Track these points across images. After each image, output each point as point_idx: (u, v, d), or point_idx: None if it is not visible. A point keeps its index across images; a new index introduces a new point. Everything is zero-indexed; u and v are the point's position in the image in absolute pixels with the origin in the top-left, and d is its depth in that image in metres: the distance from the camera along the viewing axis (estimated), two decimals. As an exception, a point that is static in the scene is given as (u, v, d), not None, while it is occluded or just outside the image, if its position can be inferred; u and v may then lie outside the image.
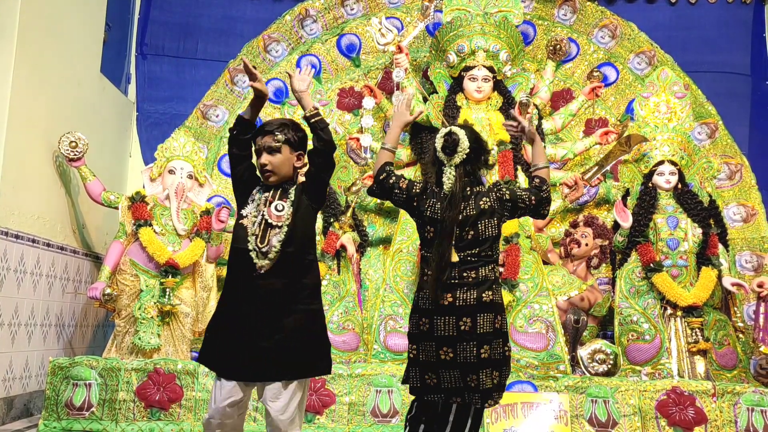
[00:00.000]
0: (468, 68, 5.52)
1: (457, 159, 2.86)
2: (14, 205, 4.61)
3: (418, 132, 5.64)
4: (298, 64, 6.34)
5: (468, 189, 2.86)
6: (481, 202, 2.82)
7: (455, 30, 5.55)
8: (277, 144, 2.71)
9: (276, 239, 2.64)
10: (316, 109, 2.80)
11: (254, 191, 2.77)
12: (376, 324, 5.13)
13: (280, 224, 2.66)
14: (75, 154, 5.16)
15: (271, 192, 2.74)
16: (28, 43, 4.72)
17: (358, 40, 6.41)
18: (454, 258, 2.71)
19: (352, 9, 6.49)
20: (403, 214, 5.53)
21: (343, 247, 5.29)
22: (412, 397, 4.38)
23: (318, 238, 5.31)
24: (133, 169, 6.49)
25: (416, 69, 6.10)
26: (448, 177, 2.84)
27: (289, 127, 2.75)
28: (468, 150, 2.84)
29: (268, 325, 2.60)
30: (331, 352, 2.80)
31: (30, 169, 4.85)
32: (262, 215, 2.69)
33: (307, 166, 2.80)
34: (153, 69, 6.60)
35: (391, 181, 2.90)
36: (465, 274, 2.73)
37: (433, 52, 5.80)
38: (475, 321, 2.68)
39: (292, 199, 2.71)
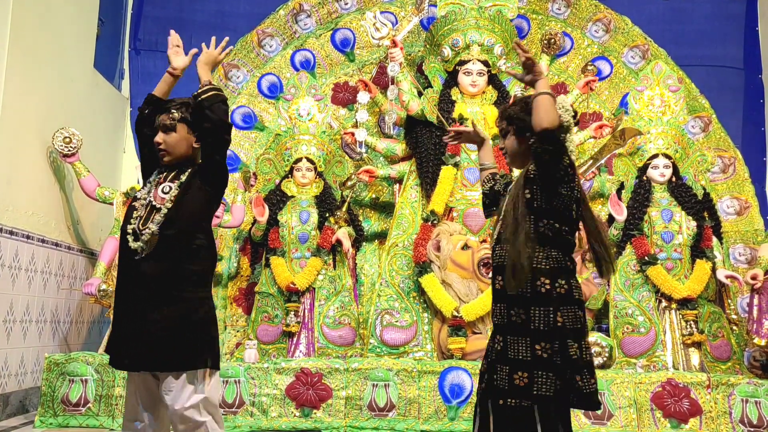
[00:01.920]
0: (463, 62, 5.52)
1: None
2: (8, 201, 4.59)
3: (413, 126, 5.65)
4: (292, 60, 6.33)
5: None
6: None
7: (450, 24, 5.55)
8: (172, 122, 2.58)
9: (155, 222, 2.49)
10: (210, 84, 2.63)
11: (154, 173, 2.65)
12: (372, 318, 5.14)
13: (161, 206, 2.52)
14: (69, 150, 5.14)
15: (165, 174, 2.61)
16: (21, 39, 4.70)
17: (353, 34, 6.40)
18: None
19: (346, 3, 6.48)
20: (399, 209, 5.54)
21: (339, 242, 5.29)
22: (410, 390, 4.42)
23: (313, 233, 5.31)
24: (127, 165, 6.48)
25: (411, 63, 6.09)
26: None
27: (187, 106, 2.62)
28: None
29: (143, 311, 2.45)
30: (217, 345, 2.57)
31: (24, 165, 4.83)
32: (149, 197, 2.57)
33: None
34: (147, 64, 6.58)
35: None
36: None
37: (428, 46, 5.80)
38: None
39: (182, 180, 2.56)
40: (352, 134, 5.64)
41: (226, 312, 5.76)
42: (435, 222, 5.26)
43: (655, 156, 5.22)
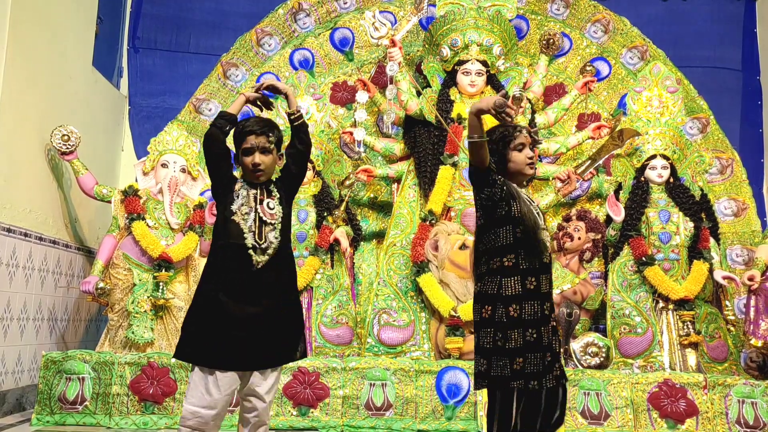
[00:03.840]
0: (461, 62, 5.53)
1: None
2: (6, 198, 4.59)
3: (412, 126, 5.65)
4: (290, 59, 6.33)
5: None
6: None
7: (448, 24, 5.55)
8: (271, 145, 2.83)
9: (272, 236, 2.78)
10: (300, 110, 2.97)
11: (236, 188, 2.84)
12: (369, 318, 5.14)
13: (273, 222, 2.80)
14: (67, 148, 5.14)
15: (258, 189, 2.85)
16: (19, 37, 4.70)
17: (352, 34, 6.40)
18: None
19: (345, 3, 6.48)
20: (397, 208, 5.54)
21: (337, 241, 5.29)
22: (407, 389, 4.43)
23: (311, 232, 5.31)
24: (125, 163, 6.47)
25: (410, 63, 6.10)
26: None
27: (276, 129, 2.88)
28: None
29: (270, 314, 2.76)
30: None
31: (22, 163, 4.83)
32: (256, 212, 2.80)
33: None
34: (145, 63, 6.58)
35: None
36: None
37: (427, 46, 5.80)
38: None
39: (279, 197, 2.87)
40: (351, 133, 5.64)
41: (224, 311, 5.75)
42: (433, 221, 5.26)
43: (653, 157, 5.23)
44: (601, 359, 4.83)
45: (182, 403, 4.43)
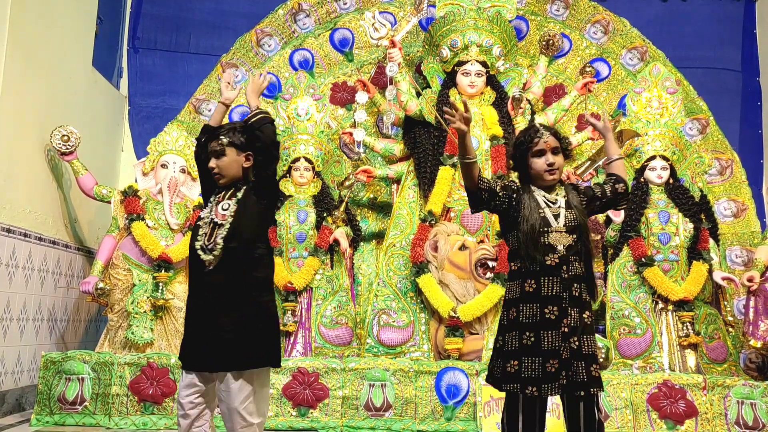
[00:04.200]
0: (461, 63, 5.53)
1: None
2: (5, 199, 4.59)
3: (412, 127, 5.65)
4: (290, 60, 6.33)
5: None
6: None
7: (448, 25, 5.55)
8: (221, 147, 2.83)
9: (220, 236, 2.77)
10: (258, 108, 2.92)
11: (213, 194, 2.92)
12: (369, 318, 5.15)
13: (223, 222, 2.79)
14: (67, 148, 5.14)
15: (223, 193, 2.88)
16: (19, 37, 4.70)
17: (351, 34, 6.41)
18: None
19: (345, 3, 6.49)
20: (397, 209, 5.54)
21: (336, 242, 5.29)
22: (406, 390, 4.43)
23: (311, 232, 5.31)
24: (125, 164, 6.47)
25: (409, 64, 6.10)
26: None
27: (234, 131, 2.87)
28: None
29: (216, 318, 2.73)
30: (279, 345, 2.88)
31: (21, 163, 4.83)
32: (212, 214, 2.85)
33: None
34: (145, 63, 6.58)
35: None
36: None
37: (426, 46, 5.81)
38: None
39: (239, 197, 2.84)
40: (351, 134, 5.64)
41: (224, 311, 5.75)
42: (432, 222, 5.27)
43: (653, 158, 5.23)
44: (601, 360, 4.83)
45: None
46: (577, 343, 2.63)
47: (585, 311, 2.69)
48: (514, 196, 2.76)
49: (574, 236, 2.72)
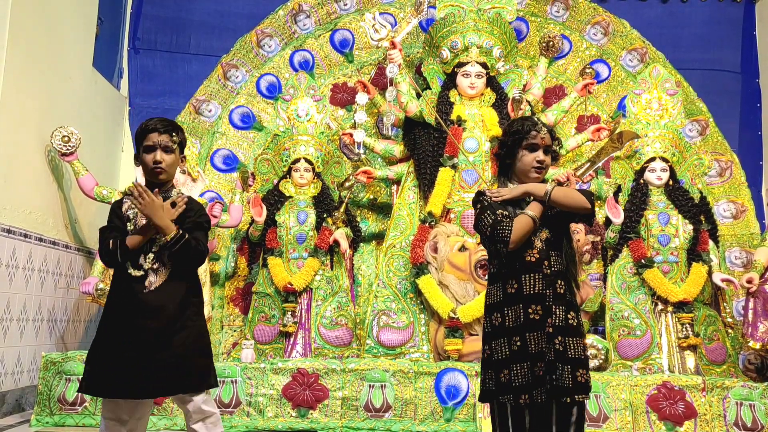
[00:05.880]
0: (461, 64, 5.53)
1: None
2: (6, 199, 4.59)
3: (411, 128, 5.66)
4: (290, 61, 6.33)
5: None
6: None
7: (448, 26, 5.56)
8: (174, 145, 2.70)
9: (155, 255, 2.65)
10: (179, 230, 2.61)
11: (124, 208, 2.69)
12: (369, 319, 5.15)
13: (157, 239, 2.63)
14: (67, 149, 5.14)
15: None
16: (19, 37, 4.70)
17: (352, 35, 6.41)
18: None
19: (345, 4, 6.49)
20: (397, 210, 5.55)
21: (336, 243, 5.30)
22: (406, 391, 4.44)
23: (311, 233, 5.32)
24: (125, 164, 6.47)
25: (409, 65, 6.11)
26: None
27: (181, 131, 2.76)
28: None
29: (155, 342, 2.61)
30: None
31: (22, 164, 4.83)
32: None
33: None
34: (145, 63, 6.58)
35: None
36: None
37: (427, 48, 5.81)
38: None
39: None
40: (351, 135, 5.65)
41: (223, 312, 5.76)
42: (432, 223, 5.27)
43: (653, 159, 5.24)
44: (600, 361, 4.83)
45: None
46: (562, 345, 2.44)
47: (570, 311, 2.49)
48: (487, 201, 2.57)
49: (550, 230, 2.54)
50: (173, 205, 2.64)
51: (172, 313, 2.59)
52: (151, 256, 2.61)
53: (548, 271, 2.50)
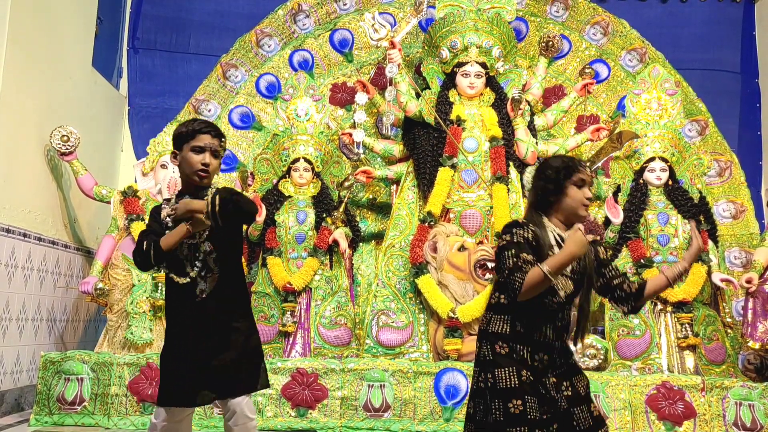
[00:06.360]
0: (461, 64, 5.53)
1: None
2: (5, 199, 4.59)
3: (411, 128, 5.65)
4: (290, 60, 6.33)
5: None
6: None
7: (448, 26, 5.56)
8: (222, 151, 2.70)
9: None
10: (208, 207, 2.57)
11: (162, 214, 2.66)
12: (368, 319, 5.15)
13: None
14: (67, 148, 5.14)
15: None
16: (19, 37, 4.70)
17: (351, 35, 6.41)
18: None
19: (344, 4, 6.49)
20: (396, 210, 5.55)
21: (336, 243, 5.29)
22: (405, 390, 4.44)
23: (310, 233, 5.32)
24: (124, 164, 6.48)
25: (409, 65, 6.10)
26: None
27: (225, 140, 2.75)
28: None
29: (213, 346, 2.66)
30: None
31: (21, 163, 4.83)
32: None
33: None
34: (145, 63, 6.58)
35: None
36: None
37: (426, 47, 5.81)
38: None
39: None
40: (350, 135, 5.64)
41: (223, 311, 5.75)
42: (432, 223, 5.27)
43: (652, 159, 5.24)
44: (600, 361, 4.84)
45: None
46: (570, 389, 2.42)
47: (571, 358, 2.49)
48: (532, 238, 2.43)
49: (577, 286, 2.46)
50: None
51: (225, 317, 2.61)
52: (198, 264, 2.61)
53: (560, 323, 2.45)
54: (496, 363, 2.39)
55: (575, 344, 2.58)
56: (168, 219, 2.64)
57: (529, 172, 4.82)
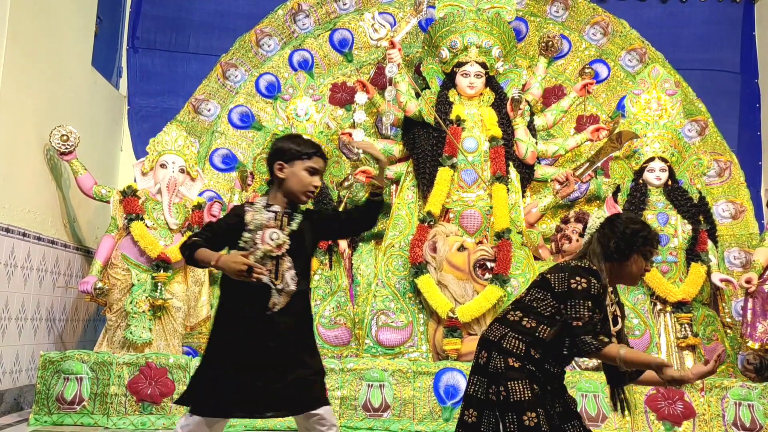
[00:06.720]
0: (460, 64, 5.53)
1: None
2: (5, 198, 4.59)
3: (411, 127, 5.65)
4: (290, 60, 6.32)
5: None
6: None
7: (448, 26, 5.56)
8: (324, 168, 2.74)
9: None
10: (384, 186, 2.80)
11: (247, 217, 2.63)
12: (367, 319, 5.14)
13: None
14: (66, 148, 5.14)
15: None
16: (19, 36, 4.70)
17: (351, 35, 6.41)
18: None
19: (344, 4, 6.49)
20: (396, 209, 5.55)
21: (335, 242, 5.29)
22: (405, 390, 4.43)
23: (310, 233, 5.31)
24: (124, 163, 6.47)
25: (409, 64, 6.10)
26: None
27: None
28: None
29: (290, 361, 2.68)
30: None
31: (21, 163, 4.83)
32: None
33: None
34: (144, 63, 6.58)
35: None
36: None
37: (426, 47, 5.81)
38: None
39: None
40: (350, 134, 5.64)
41: (222, 311, 5.75)
42: (431, 223, 5.27)
43: (652, 159, 5.24)
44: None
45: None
46: (561, 406, 2.48)
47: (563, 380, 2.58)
48: (602, 293, 2.43)
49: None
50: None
51: (299, 332, 2.62)
52: (287, 276, 2.61)
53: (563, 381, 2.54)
54: (508, 376, 2.37)
55: (623, 414, 2.61)
56: (253, 224, 2.60)
57: (598, 218, 4.78)
